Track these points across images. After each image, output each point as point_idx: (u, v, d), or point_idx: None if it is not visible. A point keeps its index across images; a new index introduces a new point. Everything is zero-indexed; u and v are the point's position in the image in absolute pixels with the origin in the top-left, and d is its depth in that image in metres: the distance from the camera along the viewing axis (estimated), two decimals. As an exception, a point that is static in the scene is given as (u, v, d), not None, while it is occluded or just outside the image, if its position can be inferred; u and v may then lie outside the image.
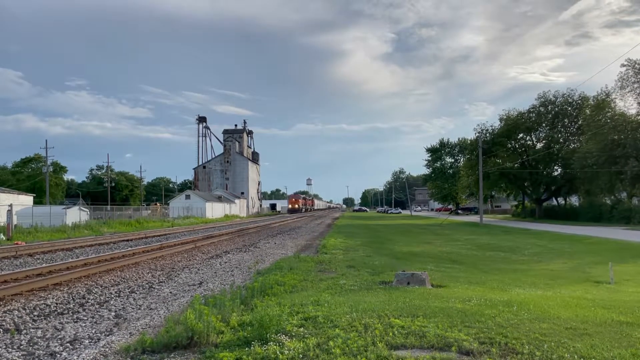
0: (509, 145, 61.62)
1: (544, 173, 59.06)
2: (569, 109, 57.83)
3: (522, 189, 64.67)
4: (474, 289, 9.96)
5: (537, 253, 21.45)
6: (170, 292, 10.54)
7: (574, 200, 66.83)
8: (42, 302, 9.16)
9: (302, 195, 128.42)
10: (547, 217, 58.32)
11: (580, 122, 55.05)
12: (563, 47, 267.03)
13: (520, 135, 62.17)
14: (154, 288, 11.06)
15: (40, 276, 11.97)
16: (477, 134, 63.13)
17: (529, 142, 62.90)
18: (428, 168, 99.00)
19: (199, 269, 14.35)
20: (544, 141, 60.93)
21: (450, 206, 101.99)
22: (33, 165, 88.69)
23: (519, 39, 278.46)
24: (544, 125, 60.07)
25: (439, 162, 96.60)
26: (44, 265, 14.39)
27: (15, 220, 33.30)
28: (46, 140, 74.99)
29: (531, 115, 59.94)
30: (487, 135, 61.58)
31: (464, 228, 43.51)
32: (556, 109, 58.56)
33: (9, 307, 8.60)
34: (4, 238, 27.69)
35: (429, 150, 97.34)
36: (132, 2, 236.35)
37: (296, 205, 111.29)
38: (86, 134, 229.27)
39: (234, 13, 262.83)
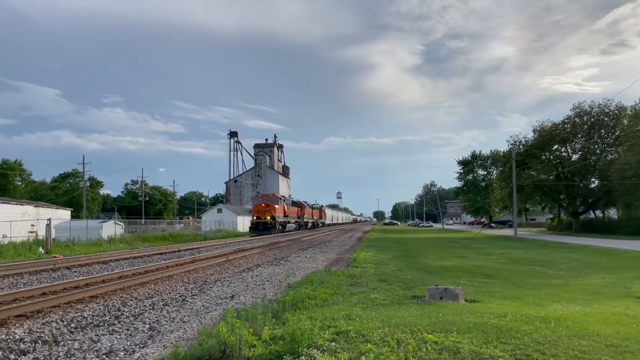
0: (543, 157, 60.32)
1: (580, 185, 57.53)
2: (606, 119, 56.35)
3: (558, 201, 63.10)
4: (509, 304, 9.73)
5: (575, 267, 20.83)
6: (203, 305, 10.64)
7: (612, 213, 64.80)
8: (79, 314, 9.37)
9: (281, 198, 60.85)
10: (584, 231, 56.66)
11: (617, 133, 53.55)
12: (598, 57, 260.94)
13: (555, 146, 60.84)
14: (187, 301, 11.19)
15: (77, 289, 12.26)
16: (509, 146, 62.13)
17: (564, 154, 61.47)
18: (460, 181, 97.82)
19: (230, 282, 14.46)
20: (579, 152, 59.44)
21: (483, 219, 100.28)
22: (71, 180, 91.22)
23: (552, 48, 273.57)
24: (579, 136, 58.65)
25: (470, 175, 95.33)
26: (80, 278, 14.73)
27: (53, 234, 34.29)
28: (83, 156, 76.98)
29: (566, 126, 58.65)
30: (521, 147, 60.53)
31: (497, 242, 42.66)
32: (592, 119, 57.15)
33: (47, 319, 8.83)
34: (43, 251, 28.51)
35: (460, 162, 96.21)
36: (164, 20, 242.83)
37: (267, 217, 53.34)
38: (121, 149, 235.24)
39: (262, 29, 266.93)
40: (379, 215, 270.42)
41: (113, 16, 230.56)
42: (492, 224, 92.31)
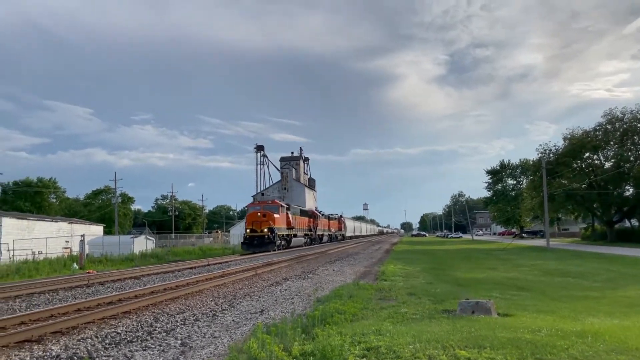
0: (575, 165, 58.98)
1: (614, 193, 56.00)
2: (639, 125, 54.95)
3: (591, 210, 61.51)
4: (543, 318, 9.51)
5: (611, 279, 20.24)
6: (233, 320, 10.71)
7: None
8: (112, 330, 9.55)
9: (283, 205, 47.14)
10: (619, 240, 54.99)
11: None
12: (628, 62, 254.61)
13: (587, 154, 59.45)
14: (217, 316, 11.28)
15: (111, 304, 12.49)
16: (539, 155, 61.04)
17: (596, 162, 59.99)
18: (488, 190, 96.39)
19: (259, 297, 14.52)
20: (612, 160, 57.91)
21: (514, 230, 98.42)
22: (103, 197, 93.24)
23: (580, 55, 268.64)
24: (611, 143, 57.19)
25: (500, 185, 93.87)
26: (114, 293, 15.00)
27: (87, 250, 35.05)
28: (115, 173, 78.81)
29: (597, 133, 57.30)
30: (551, 155, 59.40)
31: (529, 253, 41.78)
32: (625, 125, 55.72)
33: (82, 335, 9.01)
34: (77, 267, 29.16)
35: (489, 172, 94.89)
36: (191, 37, 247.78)
37: (263, 229, 42.05)
38: (151, 165, 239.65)
39: (286, 43, 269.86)
40: (406, 226, 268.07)
41: (141, 35, 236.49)
42: (524, 235, 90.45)
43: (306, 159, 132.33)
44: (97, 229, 55.42)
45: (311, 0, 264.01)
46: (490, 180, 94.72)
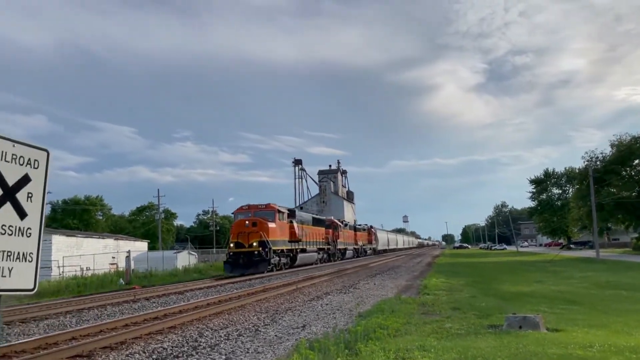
0: (624, 173, 56.80)
1: (667, 201, 53.62)
2: (692, 129, 52.59)
3: (642, 219, 59.01)
4: (595, 333, 9.15)
5: (667, 291, 19.28)
6: (276, 335, 10.75)
7: None
8: (159, 345, 9.74)
9: (281, 212, 35.27)
10: (675, 250, 52.47)
11: None
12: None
13: (636, 161, 57.22)
14: (260, 331, 11.35)
15: (157, 319, 12.76)
16: (585, 162, 59.10)
17: (646, 169, 57.72)
18: (533, 200, 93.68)
19: (301, 312, 14.53)
20: (664, 166, 55.64)
21: (561, 241, 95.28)
22: (147, 213, 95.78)
23: (625, 58, 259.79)
24: (662, 149, 54.94)
25: (544, 194, 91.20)
26: (159, 308, 15.32)
27: (132, 265, 35.98)
28: (158, 190, 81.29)
29: (646, 139, 55.17)
30: (598, 163, 57.42)
31: (578, 264, 40.31)
32: (676, 130, 53.51)
33: (130, 351, 9.24)
34: (123, 282, 29.95)
35: (532, 181, 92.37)
36: (227, 55, 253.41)
37: (252, 243, 31.08)
38: (192, 181, 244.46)
39: (321, 57, 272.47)
40: (448, 238, 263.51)
41: (180, 56, 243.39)
42: (571, 245, 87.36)
43: (344, 172, 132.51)
44: (142, 245, 56.90)
45: (346, 16, 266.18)
46: (534, 190, 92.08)
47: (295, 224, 38.05)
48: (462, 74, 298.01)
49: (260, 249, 31.04)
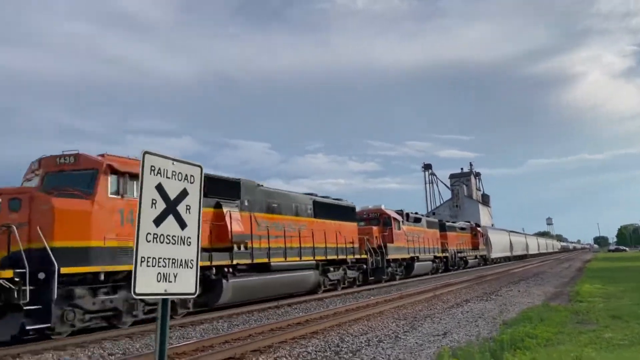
0: None
1: None
2: None
3: None
4: None
5: None
6: (416, 342, 10.61)
7: None
8: (303, 349, 10.13)
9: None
10: None
11: None
12: None
13: None
14: (399, 338, 11.28)
15: (299, 325, 13.29)
16: None
17: None
18: None
19: (440, 319, 14.18)
20: None
21: None
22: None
23: None
24: None
25: None
26: (301, 314, 15.93)
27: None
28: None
29: None
30: None
31: None
32: None
33: (277, 354, 9.73)
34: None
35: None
36: (352, 66, 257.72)
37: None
38: (324, 191, 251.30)
39: (447, 57, 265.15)
40: (600, 241, 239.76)
41: (307, 71, 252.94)
42: None
43: (477, 174, 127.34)
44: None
45: (470, 12, 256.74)
46: None
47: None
48: (607, 59, 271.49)
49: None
